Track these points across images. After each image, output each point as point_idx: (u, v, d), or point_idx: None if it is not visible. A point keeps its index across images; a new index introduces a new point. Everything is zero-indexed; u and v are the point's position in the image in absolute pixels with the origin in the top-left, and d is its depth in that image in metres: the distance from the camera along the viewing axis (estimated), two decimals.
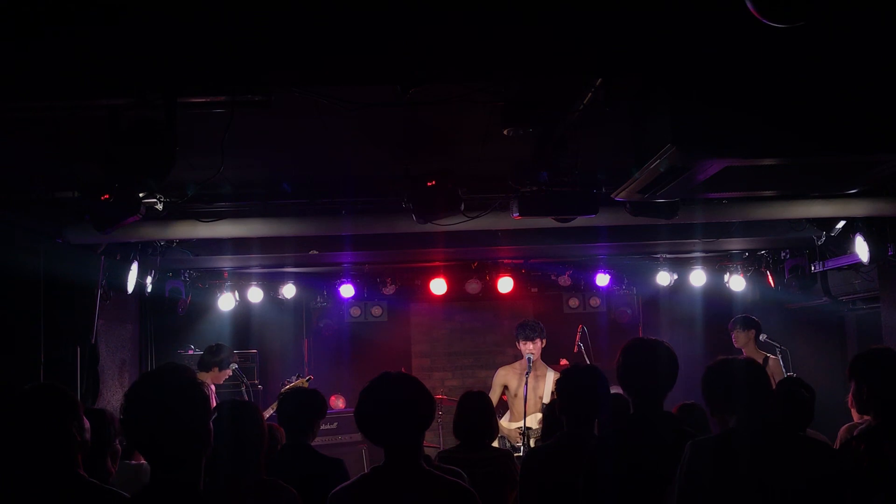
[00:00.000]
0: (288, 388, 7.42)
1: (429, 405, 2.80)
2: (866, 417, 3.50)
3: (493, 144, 4.69)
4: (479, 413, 4.50)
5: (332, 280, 9.41)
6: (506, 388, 7.21)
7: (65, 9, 2.80)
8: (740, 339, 7.18)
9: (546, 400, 6.76)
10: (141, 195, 4.51)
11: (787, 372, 6.78)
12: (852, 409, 4.39)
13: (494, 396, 7.04)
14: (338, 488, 2.77)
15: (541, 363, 7.03)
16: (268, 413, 7.23)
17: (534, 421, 6.60)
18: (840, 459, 2.96)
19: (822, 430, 4.38)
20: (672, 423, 3.24)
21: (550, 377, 6.99)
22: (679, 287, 9.32)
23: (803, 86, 3.16)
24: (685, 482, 2.81)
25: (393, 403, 2.74)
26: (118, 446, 3.57)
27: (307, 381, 7.82)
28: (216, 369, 6.93)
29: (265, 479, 3.19)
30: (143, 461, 4.42)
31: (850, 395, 3.48)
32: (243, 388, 6.91)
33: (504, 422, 6.94)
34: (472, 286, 9.40)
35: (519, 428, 6.73)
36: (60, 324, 5.92)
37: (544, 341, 7.01)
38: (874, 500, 2.91)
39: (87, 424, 2.77)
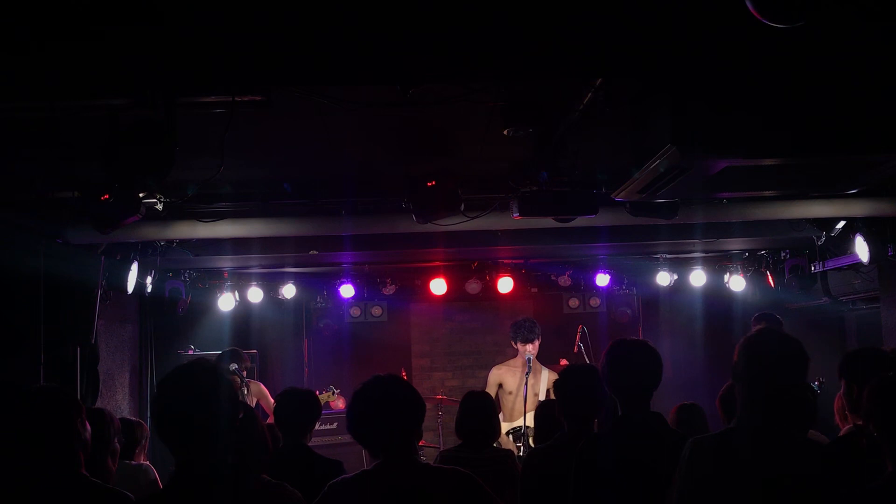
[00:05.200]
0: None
1: (415, 405, 2.81)
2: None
3: (493, 144, 4.69)
4: (483, 413, 4.50)
5: (332, 280, 9.42)
6: (500, 386, 7.21)
7: (65, 10, 2.80)
8: None
9: (542, 397, 6.77)
10: (141, 195, 4.52)
11: None
12: (836, 416, 4.38)
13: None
14: (337, 479, 2.78)
15: (535, 361, 7.03)
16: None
17: (531, 420, 6.60)
18: (834, 459, 2.96)
19: (822, 430, 4.38)
20: (659, 423, 3.25)
21: (545, 375, 6.98)
22: (679, 287, 9.32)
23: (803, 86, 3.16)
24: (684, 480, 2.81)
25: (380, 405, 2.76)
26: (117, 445, 3.58)
27: (335, 393, 7.82)
28: None
29: (273, 481, 3.20)
30: (143, 462, 4.42)
31: (839, 396, 3.48)
32: (245, 390, 6.83)
33: None
34: (472, 286, 9.40)
35: (512, 429, 6.73)
36: (60, 324, 5.92)
37: (540, 338, 7.00)
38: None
39: (87, 426, 2.79)
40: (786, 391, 2.80)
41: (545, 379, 6.98)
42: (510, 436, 6.74)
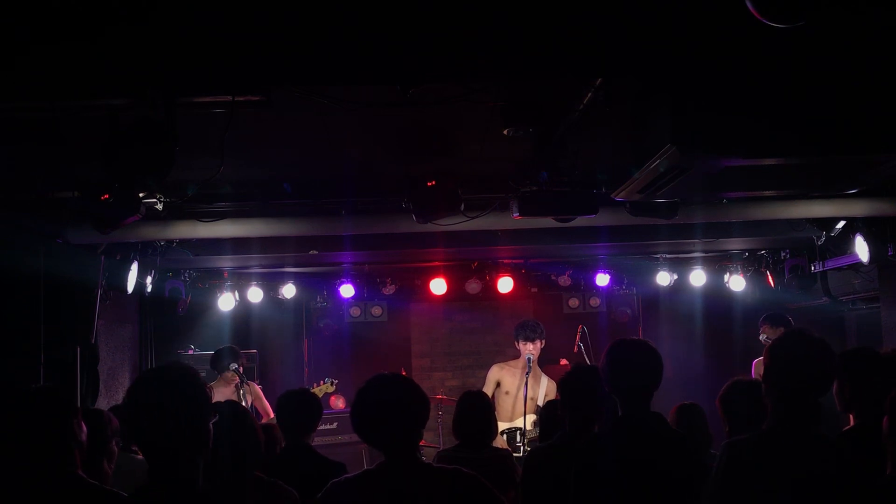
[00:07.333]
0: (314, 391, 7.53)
1: (421, 404, 2.81)
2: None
3: (493, 144, 4.69)
4: (480, 413, 4.50)
5: (332, 280, 9.42)
6: (498, 384, 7.19)
7: (64, 10, 2.80)
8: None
9: (540, 402, 6.75)
10: (141, 195, 4.52)
11: None
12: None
13: (487, 392, 7.01)
14: (340, 478, 2.78)
15: (536, 365, 7.00)
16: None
17: (528, 422, 6.58)
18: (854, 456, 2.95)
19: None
20: (659, 423, 3.25)
21: (545, 382, 6.97)
22: (679, 287, 9.32)
23: (803, 86, 3.16)
24: (723, 484, 2.78)
25: (385, 403, 2.75)
26: (114, 447, 3.57)
27: (333, 384, 7.79)
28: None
29: (266, 479, 3.19)
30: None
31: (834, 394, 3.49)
32: (243, 391, 6.76)
33: None
34: (472, 286, 9.41)
35: (507, 429, 6.71)
36: (60, 324, 5.92)
37: (543, 342, 6.99)
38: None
39: (83, 427, 2.78)
40: (810, 391, 2.80)
41: (544, 385, 6.97)
42: (504, 435, 6.73)
